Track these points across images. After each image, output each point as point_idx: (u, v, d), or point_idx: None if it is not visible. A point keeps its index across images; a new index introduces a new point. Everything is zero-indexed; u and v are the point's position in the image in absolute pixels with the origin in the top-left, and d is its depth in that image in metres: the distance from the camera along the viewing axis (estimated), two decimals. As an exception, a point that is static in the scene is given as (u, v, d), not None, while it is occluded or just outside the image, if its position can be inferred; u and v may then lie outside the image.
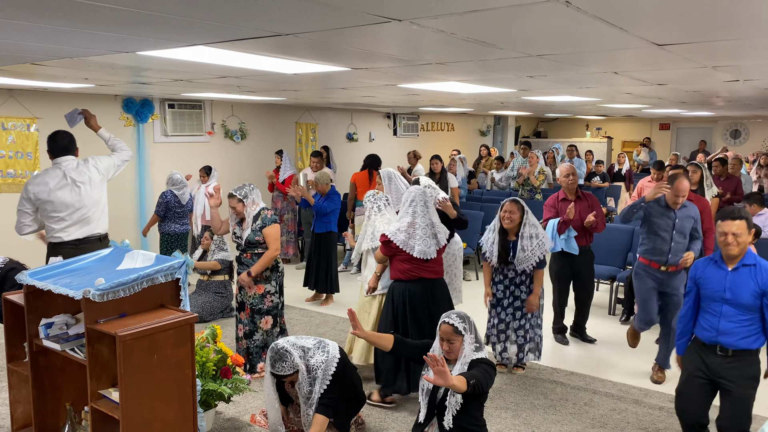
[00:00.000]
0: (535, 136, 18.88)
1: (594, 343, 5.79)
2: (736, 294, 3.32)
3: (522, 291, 4.93)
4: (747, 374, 3.36)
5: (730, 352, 3.35)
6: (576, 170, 5.66)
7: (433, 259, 4.29)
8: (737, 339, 3.33)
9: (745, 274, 3.31)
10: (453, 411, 3.22)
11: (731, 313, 3.34)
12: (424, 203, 4.27)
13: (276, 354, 3.51)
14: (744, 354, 3.35)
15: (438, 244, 4.28)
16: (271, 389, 3.65)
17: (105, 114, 7.95)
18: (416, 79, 5.41)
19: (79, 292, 2.97)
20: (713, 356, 3.41)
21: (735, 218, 3.25)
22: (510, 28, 2.81)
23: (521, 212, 4.78)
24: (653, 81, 5.52)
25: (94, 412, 3.09)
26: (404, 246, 4.21)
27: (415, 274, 4.25)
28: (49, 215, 4.63)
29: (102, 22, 2.74)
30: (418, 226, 4.24)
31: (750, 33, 2.96)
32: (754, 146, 15.89)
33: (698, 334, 3.52)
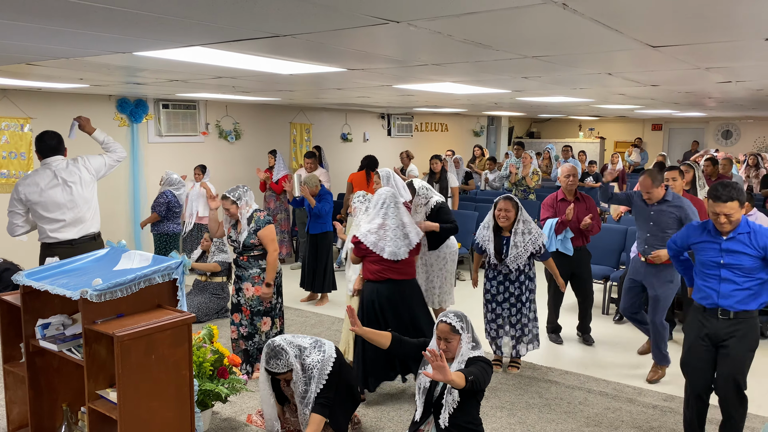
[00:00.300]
0: (528, 136, 18.94)
1: (593, 345, 5.80)
2: (733, 259, 3.38)
3: (516, 287, 4.95)
4: (748, 336, 3.43)
5: (731, 315, 3.42)
6: (576, 171, 5.70)
7: (404, 261, 4.30)
8: (737, 300, 3.39)
9: (742, 240, 3.37)
10: (450, 409, 3.23)
11: (730, 275, 3.40)
12: (394, 204, 4.32)
13: (271, 351, 3.52)
14: (744, 315, 3.41)
15: (410, 244, 4.30)
16: (266, 386, 3.66)
17: (99, 114, 7.93)
18: (411, 80, 5.43)
19: (76, 292, 2.97)
20: (714, 321, 3.47)
21: (727, 200, 3.28)
22: (507, 29, 2.83)
23: (516, 209, 4.83)
24: (647, 82, 5.56)
25: (91, 413, 3.09)
26: (374, 247, 4.25)
27: (384, 275, 4.28)
28: (41, 216, 4.62)
29: (100, 23, 2.74)
30: (388, 228, 4.28)
31: (743, 35, 2.99)
32: (745, 147, 16.01)
33: (698, 299, 3.57)
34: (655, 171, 4.83)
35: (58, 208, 4.64)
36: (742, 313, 3.42)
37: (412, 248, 4.31)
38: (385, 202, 4.33)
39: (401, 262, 4.30)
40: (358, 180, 8.15)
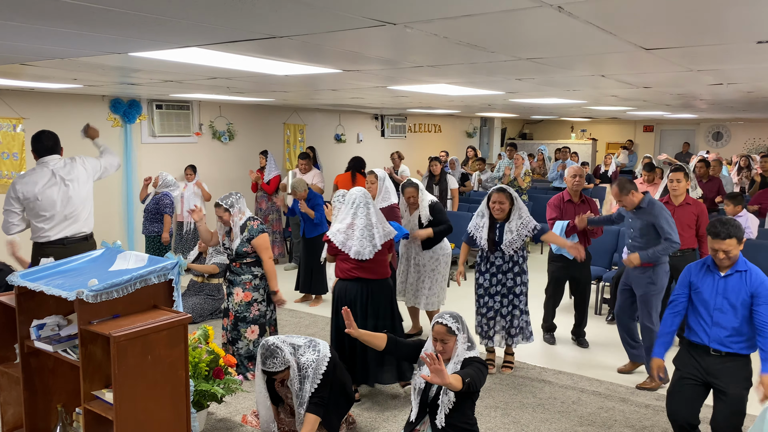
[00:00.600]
0: (521, 137, 19.01)
1: (588, 348, 5.80)
2: (728, 299, 3.39)
3: (509, 278, 4.93)
4: (740, 375, 3.42)
5: (723, 353, 3.42)
6: (583, 172, 5.70)
7: (373, 260, 4.34)
8: (729, 345, 3.40)
9: (737, 280, 3.39)
10: (445, 410, 3.25)
11: (722, 319, 3.41)
12: (364, 204, 4.36)
13: (267, 351, 3.53)
14: (736, 356, 3.42)
15: (374, 246, 4.31)
16: (262, 387, 3.66)
17: (92, 115, 7.90)
18: (406, 81, 5.45)
19: (72, 293, 2.96)
20: (707, 357, 3.47)
21: (726, 237, 3.31)
22: (502, 32, 2.85)
23: (510, 200, 4.83)
24: (639, 84, 5.60)
25: (87, 413, 3.09)
26: (342, 246, 4.31)
27: (353, 273, 4.34)
28: (36, 214, 4.63)
29: (97, 24, 2.74)
30: (356, 228, 4.33)
31: (734, 38, 3.03)
32: (735, 148, 16.13)
33: (690, 337, 3.58)
34: (624, 180, 4.83)
35: (54, 206, 4.66)
36: (733, 353, 3.42)
37: (377, 250, 4.33)
38: (355, 202, 4.38)
39: (370, 262, 4.34)
40: (344, 181, 8.16)
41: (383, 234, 4.40)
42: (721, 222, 3.36)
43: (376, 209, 4.47)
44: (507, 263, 4.92)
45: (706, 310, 3.47)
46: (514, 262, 4.92)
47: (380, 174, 5.61)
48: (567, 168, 5.82)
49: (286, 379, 3.60)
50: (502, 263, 4.93)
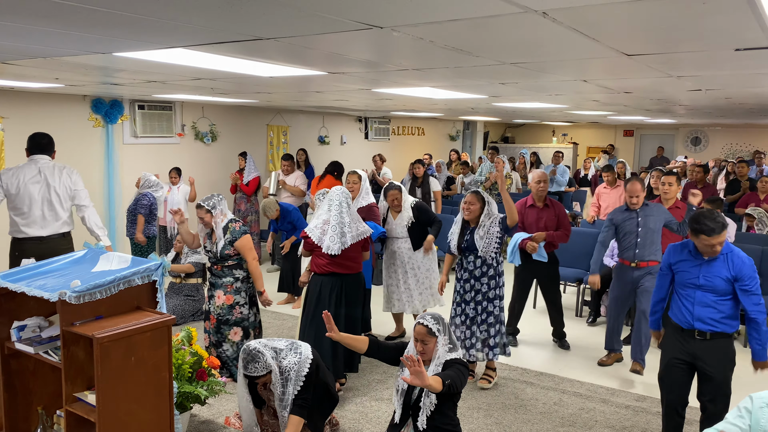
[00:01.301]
0: (503, 141, 19.15)
1: (569, 350, 5.84)
2: (709, 280, 3.47)
3: (483, 284, 4.80)
4: (725, 358, 3.53)
5: (708, 335, 3.51)
6: (547, 177, 5.74)
7: (344, 256, 4.55)
8: (712, 324, 3.48)
9: (719, 262, 3.47)
10: (427, 411, 3.27)
11: (705, 298, 3.49)
12: (339, 203, 4.55)
13: (248, 355, 3.51)
14: (720, 337, 3.51)
15: (344, 243, 4.51)
16: (244, 391, 3.65)
17: (73, 115, 7.83)
18: (391, 84, 5.47)
19: (54, 294, 2.94)
20: (691, 340, 3.56)
21: (721, 231, 3.35)
22: (487, 36, 2.88)
23: (481, 203, 4.76)
24: (620, 89, 5.69)
25: (69, 416, 3.06)
26: (318, 242, 4.55)
27: (327, 268, 4.56)
28: (15, 207, 4.71)
29: (82, 24, 2.73)
30: (330, 224, 4.55)
31: (713, 45, 3.09)
32: (713, 153, 16.40)
33: (675, 319, 3.66)
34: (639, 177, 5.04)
35: (33, 203, 4.72)
36: (718, 334, 3.51)
37: (345, 247, 4.51)
38: (333, 201, 4.58)
39: (342, 257, 4.55)
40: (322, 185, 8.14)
41: (356, 234, 4.59)
42: (708, 218, 3.36)
43: (351, 209, 4.66)
44: (480, 268, 4.80)
45: (689, 291, 3.55)
46: (488, 265, 4.80)
47: (363, 174, 5.65)
48: (531, 173, 5.80)
49: (268, 383, 3.59)
50: (474, 268, 4.81)
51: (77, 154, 7.88)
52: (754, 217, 7.50)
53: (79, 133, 7.91)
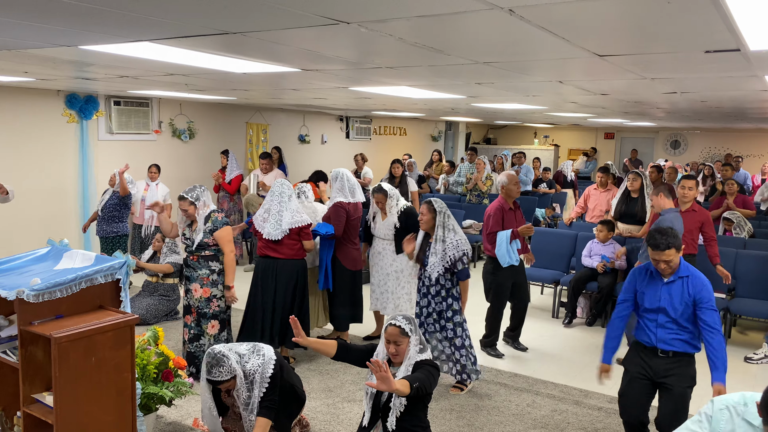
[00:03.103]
0: (485, 142, 19.19)
1: (526, 352, 5.78)
2: (671, 303, 3.47)
3: (437, 302, 4.71)
4: (686, 374, 3.53)
5: (670, 354, 3.52)
6: (519, 179, 5.71)
7: (281, 243, 4.98)
8: (675, 344, 3.50)
9: (679, 285, 3.48)
10: (397, 413, 3.23)
11: (667, 321, 3.49)
12: (279, 194, 5.00)
13: (213, 359, 3.41)
14: (683, 356, 3.52)
15: (282, 231, 4.93)
16: (208, 397, 3.55)
17: (46, 110, 7.69)
18: (367, 83, 5.43)
19: (12, 292, 2.86)
20: (655, 358, 3.56)
21: (665, 248, 3.35)
22: (456, 34, 2.85)
23: (433, 213, 4.67)
24: (596, 90, 5.69)
25: (26, 417, 2.99)
26: (259, 228, 5.02)
27: (263, 251, 5.06)
28: None
29: (41, 14, 2.66)
30: (270, 213, 4.98)
31: (683, 47, 3.09)
32: (692, 156, 16.56)
33: (638, 338, 3.65)
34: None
35: None
36: (680, 353, 3.52)
37: (285, 234, 4.93)
38: (275, 192, 5.04)
39: (277, 243, 4.98)
40: None
41: (291, 221, 4.96)
42: (659, 233, 3.38)
43: (292, 201, 5.04)
44: (434, 285, 4.71)
45: (652, 314, 3.55)
46: (441, 285, 4.68)
47: (333, 173, 5.60)
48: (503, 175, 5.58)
49: (231, 389, 3.51)
50: (430, 284, 4.73)
51: (50, 150, 7.76)
52: (733, 222, 7.57)
53: (52, 129, 7.77)
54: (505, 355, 5.68)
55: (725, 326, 6.02)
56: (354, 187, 5.55)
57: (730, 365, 5.43)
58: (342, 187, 5.48)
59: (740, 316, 6.31)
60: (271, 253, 5.00)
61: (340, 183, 5.50)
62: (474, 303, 7.04)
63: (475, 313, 5.92)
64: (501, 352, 5.68)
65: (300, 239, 5.03)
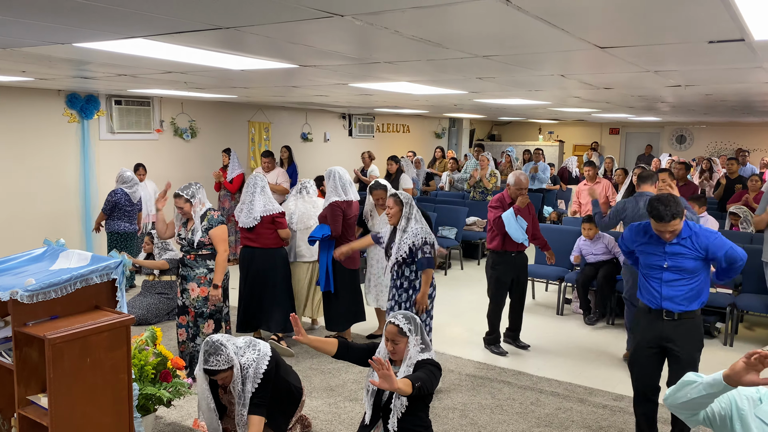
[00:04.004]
0: (490, 139, 19.10)
1: (528, 350, 5.71)
2: (676, 262, 3.45)
3: (400, 294, 4.63)
4: (693, 338, 3.52)
5: (675, 316, 3.49)
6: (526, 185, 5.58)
7: (256, 232, 5.30)
8: (680, 302, 3.47)
9: (683, 245, 3.44)
10: (398, 413, 3.19)
11: (672, 278, 3.47)
12: (253, 185, 5.30)
13: (211, 347, 3.37)
14: (688, 315, 3.49)
15: (254, 219, 5.24)
16: (205, 388, 3.51)
17: (47, 110, 7.67)
18: (367, 79, 5.38)
19: (5, 293, 2.82)
20: (660, 321, 3.53)
21: (670, 219, 3.32)
22: (453, 26, 2.79)
23: (400, 206, 4.55)
24: (600, 84, 5.62)
25: (22, 420, 2.96)
26: (237, 218, 5.39)
27: (243, 242, 5.46)
28: None
29: (31, 10, 2.62)
30: (244, 203, 5.31)
31: (686, 37, 3.02)
32: (698, 151, 16.43)
33: (643, 299, 3.63)
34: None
35: None
36: (685, 313, 3.50)
37: (257, 222, 5.23)
38: (248, 183, 5.35)
39: (254, 233, 5.31)
40: None
41: (263, 210, 5.24)
42: (661, 203, 3.31)
43: (264, 191, 5.31)
44: (401, 278, 4.62)
45: (655, 272, 3.53)
46: (405, 276, 4.59)
47: (327, 171, 5.54)
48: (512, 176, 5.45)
49: (228, 383, 3.46)
50: (397, 277, 4.64)
51: (52, 150, 7.74)
52: (740, 216, 7.48)
53: (53, 129, 7.75)
54: (508, 352, 5.62)
55: (731, 322, 5.94)
56: (346, 185, 5.50)
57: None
58: (335, 186, 5.44)
59: (747, 312, 6.24)
60: (249, 242, 5.37)
61: (333, 182, 5.46)
62: (476, 299, 7.00)
63: (476, 309, 5.87)
64: (504, 350, 5.63)
65: (275, 228, 5.29)
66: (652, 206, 3.34)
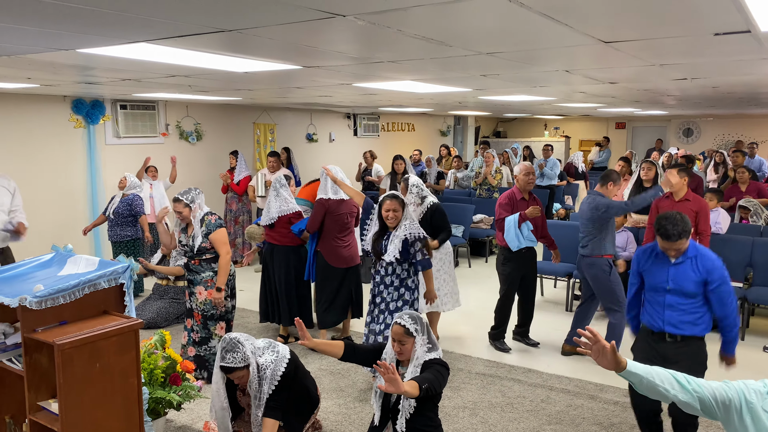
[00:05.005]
0: (495, 135, 19.05)
1: (538, 347, 5.68)
2: (678, 284, 3.40)
3: (389, 292, 4.54)
4: (697, 360, 3.45)
5: (678, 338, 3.44)
6: (534, 170, 5.62)
7: (275, 230, 5.63)
8: (683, 327, 3.42)
9: (687, 265, 3.40)
10: (407, 414, 3.18)
11: (675, 302, 3.42)
12: (273, 186, 5.64)
13: (228, 344, 3.39)
14: (692, 339, 3.44)
15: (270, 218, 5.57)
16: (220, 385, 3.50)
17: (53, 116, 7.70)
18: (371, 78, 5.36)
19: (15, 299, 2.84)
20: (663, 343, 3.49)
21: (677, 239, 3.30)
22: (455, 24, 2.78)
23: (403, 208, 4.51)
24: (605, 79, 5.59)
25: (33, 425, 2.97)
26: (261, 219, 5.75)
27: (266, 238, 5.76)
28: None
29: (32, 17, 2.62)
30: (267, 204, 5.65)
31: (691, 30, 3.00)
32: (705, 144, 16.33)
33: (646, 322, 3.59)
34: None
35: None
36: (689, 337, 3.44)
37: (273, 220, 5.56)
38: (272, 184, 5.68)
39: (273, 230, 5.63)
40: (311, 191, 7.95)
41: (279, 210, 5.55)
42: (669, 222, 3.29)
43: (280, 193, 5.57)
44: (389, 276, 4.53)
45: (659, 294, 3.49)
46: (397, 275, 4.52)
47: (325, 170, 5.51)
48: (518, 166, 5.59)
49: (245, 383, 3.47)
50: (385, 275, 4.55)
51: (59, 156, 7.77)
52: (749, 209, 7.43)
53: (59, 135, 7.79)
54: (511, 349, 5.62)
55: (743, 316, 5.89)
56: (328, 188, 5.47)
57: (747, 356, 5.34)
58: (324, 185, 5.47)
59: (758, 305, 6.19)
60: (270, 239, 5.70)
61: (323, 181, 5.49)
62: (484, 297, 6.99)
63: (484, 307, 5.86)
64: (508, 346, 5.63)
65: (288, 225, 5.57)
66: (659, 224, 3.31)
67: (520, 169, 5.54)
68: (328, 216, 5.39)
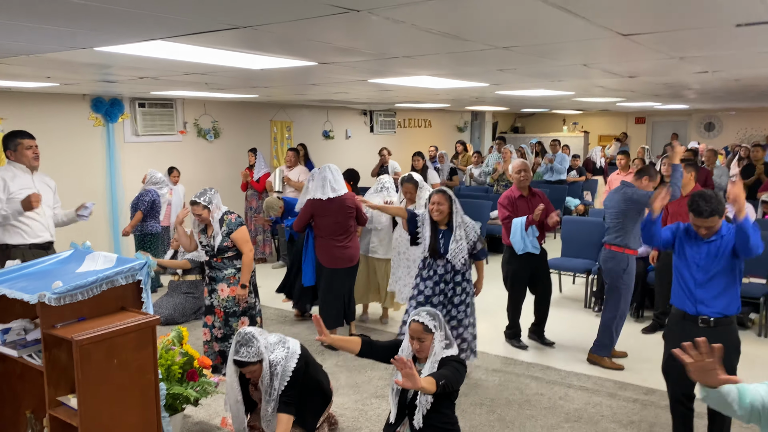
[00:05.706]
0: (513, 131, 18.92)
1: (553, 347, 5.59)
2: (711, 261, 3.39)
3: (449, 287, 4.57)
4: (730, 346, 3.40)
5: (711, 322, 3.41)
6: (528, 167, 5.49)
7: None
8: (715, 306, 3.40)
9: (719, 243, 3.40)
10: (423, 411, 3.17)
11: (706, 280, 3.41)
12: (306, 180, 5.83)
13: (242, 338, 3.41)
14: (724, 321, 3.41)
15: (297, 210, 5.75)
16: (234, 379, 3.53)
17: (73, 114, 7.79)
18: (387, 74, 5.35)
19: (34, 296, 2.87)
20: (696, 328, 3.44)
21: (708, 216, 3.29)
22: (470, 17, 2.75)
23: (449, 202, 4.55)
24: (624, 73, 5.51)
25: (52, 420, 3.00)
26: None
27: None
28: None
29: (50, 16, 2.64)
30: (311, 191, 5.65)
31: (712, 21, 2.94)
32: (728, 138, 16.06)
33: (677, 304, 3.57)
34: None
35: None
36: (722, 319, 3.41)
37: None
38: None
39: None
40: None
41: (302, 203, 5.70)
42: (703, 199, 3.29)
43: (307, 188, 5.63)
44: (449, 273, 4.57)
45: (690, 272, 3.47)
46: (457, 271, 4.57)
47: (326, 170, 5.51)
48: (512, 164, 5.59)
49: (257, 378, 3.48)
50: (444, 273, 4.56)
51: (78, 154, 7.86)
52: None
53: (79, 133, 7.88)
54: (528, 346, 5.58)
55: (766, 313, 5.79)
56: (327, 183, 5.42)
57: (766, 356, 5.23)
58: (315, 186, 5.46)
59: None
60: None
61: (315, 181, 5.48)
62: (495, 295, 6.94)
63: (501, 304, 5.81)
64: (525, 344, 5.59)
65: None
66: (693, 200, 3.33)
67: (513, 167, 5.51)
68: (318, 216, 5.41)
